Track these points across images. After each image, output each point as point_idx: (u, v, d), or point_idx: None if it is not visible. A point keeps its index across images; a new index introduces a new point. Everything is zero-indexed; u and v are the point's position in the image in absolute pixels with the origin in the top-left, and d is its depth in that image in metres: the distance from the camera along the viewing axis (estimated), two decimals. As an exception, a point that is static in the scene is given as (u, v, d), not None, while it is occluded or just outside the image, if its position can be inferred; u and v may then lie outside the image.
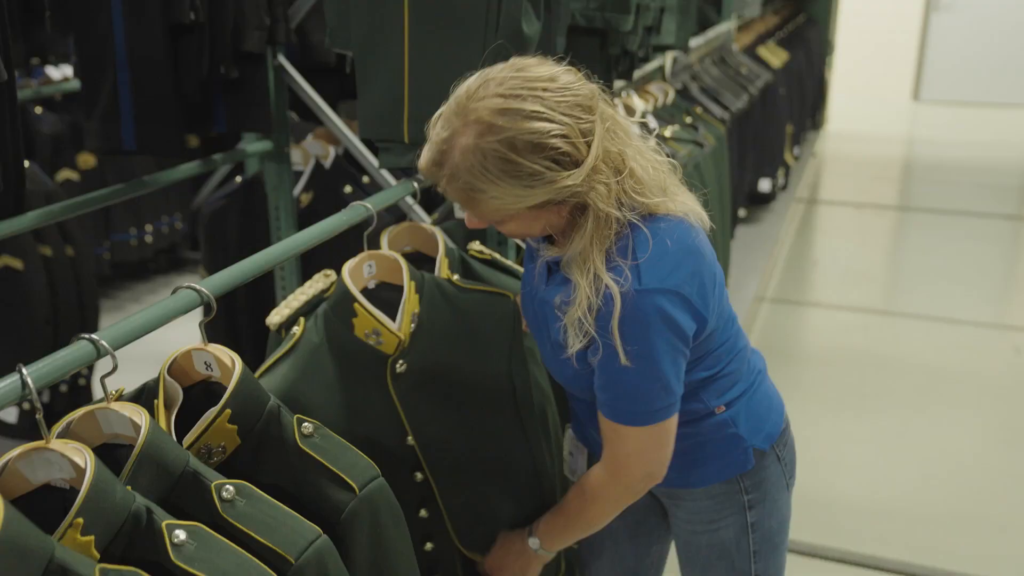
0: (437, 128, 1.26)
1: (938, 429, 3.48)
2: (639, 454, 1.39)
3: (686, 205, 1.35)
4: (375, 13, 1.69)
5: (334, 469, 1.17)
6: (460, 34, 1.65)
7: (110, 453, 1.08)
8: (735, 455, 1.49)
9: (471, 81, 1.25)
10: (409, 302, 1.49)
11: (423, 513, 1.55)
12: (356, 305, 1.44)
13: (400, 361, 1.48)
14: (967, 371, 3.98)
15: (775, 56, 6.03)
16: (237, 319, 2.57)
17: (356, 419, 1.46)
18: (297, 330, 1.45)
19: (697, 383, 1.43)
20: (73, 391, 3.08)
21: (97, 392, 1.09)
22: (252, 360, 1.47)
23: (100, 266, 4.17)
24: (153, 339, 1.16)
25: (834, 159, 7.87)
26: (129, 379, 1.13)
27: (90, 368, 2.45)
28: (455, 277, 1.57)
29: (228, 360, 1.20)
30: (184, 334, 1.46)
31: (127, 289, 4.57)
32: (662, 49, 3.31)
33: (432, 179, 1.29)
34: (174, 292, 1.19)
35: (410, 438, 1.53)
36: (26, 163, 3.04)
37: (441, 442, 1.55)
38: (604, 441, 1.41)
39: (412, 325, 1.50)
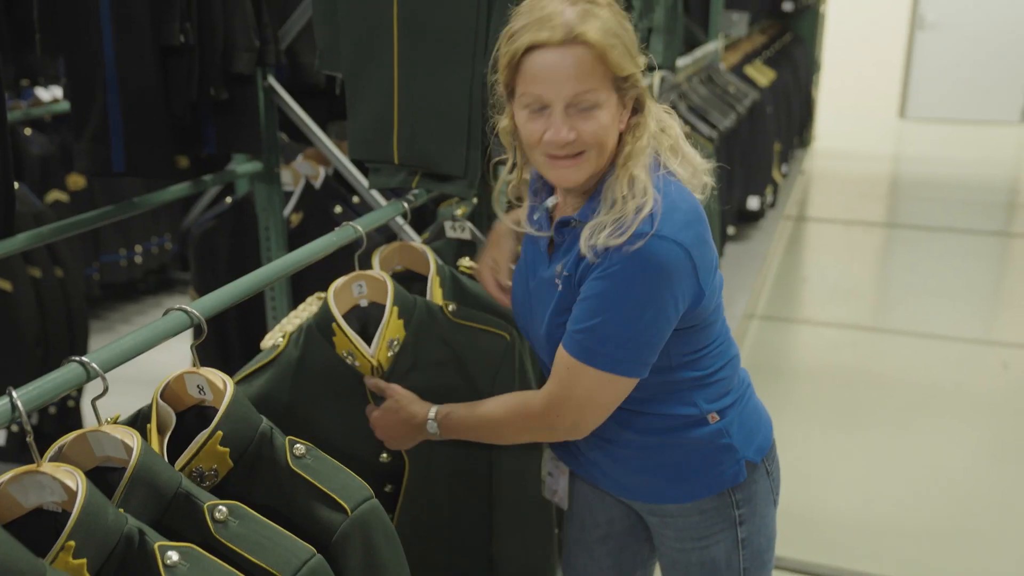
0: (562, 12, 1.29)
1: (928, 445, 3.49)
2: (582, 400, 1.37)
3: (693, 166, 1.41)
4: (365, 36, 1.70)
5: (326, 490, 1.17)
6: (449, 56, 1.66)
7: (103, 476, 1.09)
8: (728, 466, 1.48)
9: None
10: (389, 327, 1.50)
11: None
12: (334, 325, 1.47)
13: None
14: (956, 387, 4.00)
15: (762, 75, 6.08)
16: (228, 339, 2.57)
17: (331, 432, 1.48)
18: (281, 342, 1.46)
19: (690, 383, 1.44)
20: (62, 413, 3.07)
21: (87, 413, 1.09)
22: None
23: (90, 287, 4.16)
24: (143, 360, 1.17)
25: (822, 177, 7.91)
26: (119, 400, 1.13)
27: (79, 390, 2.44)
28: (450, 308, 1.58)
29: (220, 383, 1.20)
30: (174, 355, 1.47)
31: (117, 310, 4.56)
32: (650, 69, 3.34)
33: (571, 33, 1.28)
34: (165, 314, 1.19)
35: (384, 455, 1.54)
36: (15, 185, 3.05)
37: (416, 459, 1.57)
38: (552, 377, 1.39)
39: (391, 351, 1.51)
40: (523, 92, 1.32)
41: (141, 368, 1.24)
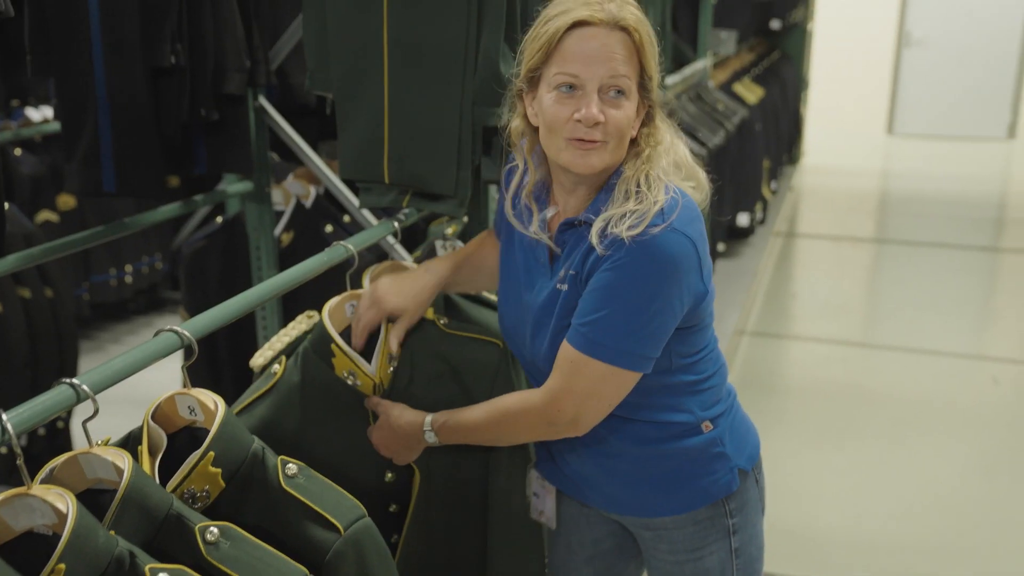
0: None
1: (918, 460, 3.50)
2: (585, 394, 1.37)
3: (697, 180, 1.45)
4: (356, 55, 1.71)
5: (318, 510, 1.17)
6: (439, 76, 1.67)
7: (94, 498, 1.08)
8: (721, 475, 1.49)
9: None
10: (386, 343, 1.50)
11: (393, 539, 1.58)
12: (333, 346, 1.46)
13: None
14: (946, 402, 4.01)
15: (751, 92, 6.12)
16: (218, 359, 2.57)
17: (335, 455, 1.47)
18: (278, 368, 1.45)
19: (687, 388, 1.45)
20: (51, 434, 3.05)
21: (76, 434, 1.09)
22: (234, 400, 1.47)
23: (79, 307, 4.15)
24: (132, 379, 1.16)
25: (811, 193, 7.96)
26: (109, 420, 1.12)
27: (69, 411, 2.43)
28: (441, 321, 1.59)
29: (212, 404, 1.20)
30: (163, 373, 1.46)
31: (107, 330, 4.54)
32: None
33: (615, 18, 1.32)
34: (156, 335, 1.19)
35: (389, 474, 1.54)
36: (5, 205, 3.05)
37: (426, 476, 1.56)
38: (555, 372, 1.39)
39: (390, 367, 1.51)
40: (557, 72, 1.34)
41: (130, 387, 1.23)
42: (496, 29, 1.65)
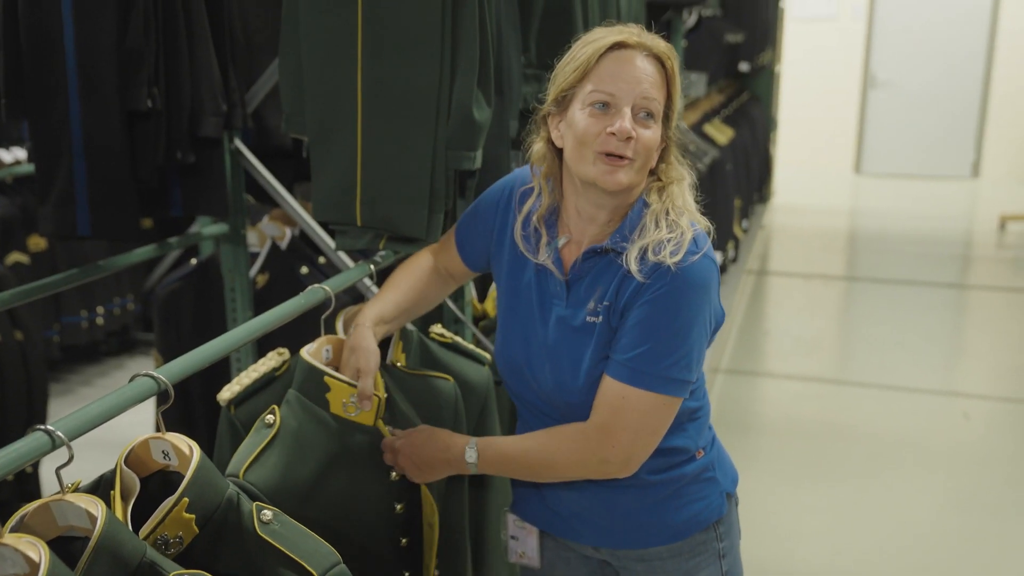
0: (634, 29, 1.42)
1: (892, 496, 3.52)
2: (636, 427, 1.39)
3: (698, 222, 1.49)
4: (330, 98, 1.72)
5: (294, 556, 1.16)
6: (412, 121, 1.68)
7: (65, 546, 1.07)
8: (713, 499, 1.53)
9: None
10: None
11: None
12: (327, 379, 1.47)
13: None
14: (919, 438, 4.04)
15: (721, 133, 6.21)
16: (192, 401, 2.54)
17: (347, 493, 1.47)
18: (272, 419, 1.42)
19: (688, 414, 1.48)
20: (19, 478, 3.00)
21: (45, 479, 1.08)
22: (207, 441, 1.46)
23: (49, 349, 4.10)
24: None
25: (782, 231, 8.06)
26: (78, 464, 1.11)
27: (39, 456, 2.39)
28: (399, 363, 1.61)
29: (186, 448, 1.19)
30: (136, 415, 1.44)
31: (77, 372, 4.49)
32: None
33: (650, 46, 1.40)
34: (131, 380, 1.18)
35: (399, 506, 1.54)
36: (-25, 248, 3.02)
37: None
38: (602, 409, 1.40)
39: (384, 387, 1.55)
40: (593, 90, 1.38)
41: (102, 429, 1.22)
42: (469, 74, 1.67)
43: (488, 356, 1.78)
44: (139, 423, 1.23)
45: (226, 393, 1.49)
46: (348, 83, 1.70)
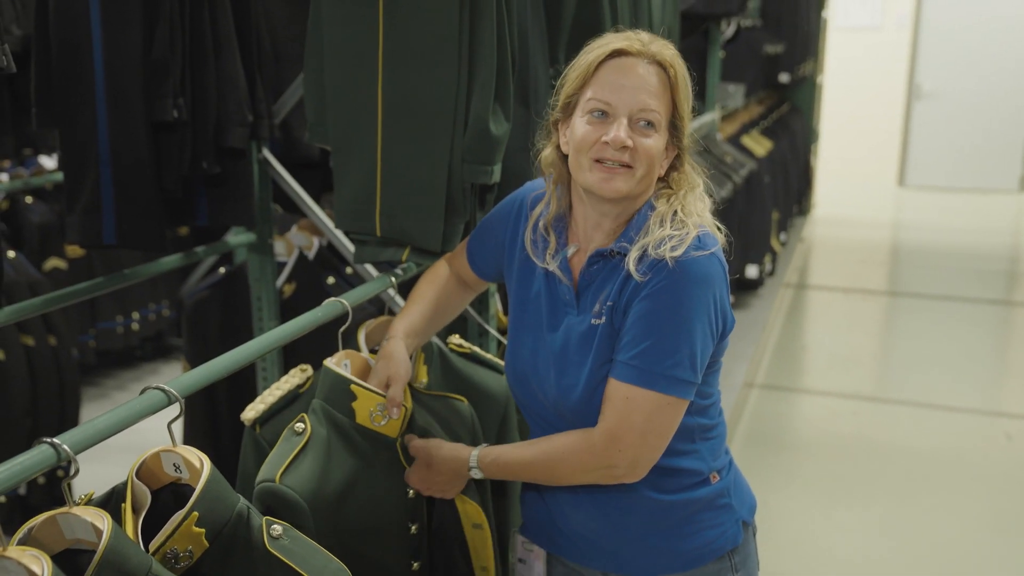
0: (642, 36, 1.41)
1: (928, 518, 3.43)
2: (643, 429, 1.35)
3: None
4: (351, 110, 1.73)
5: (303, 573, 1.16)
6: (429, 133, 1.69)
7: (72, 559, 1.07)
8: (728, 527, 1.48)
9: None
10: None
11: None
12: (354, 387, 1.47)
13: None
14: (958, 459, 3.95)
15: (759, 145, 6.14)
16: (218, 410, 2.55)
17: (368, 511, 1.48)
18: (302, 427, 1.43)
19: (700, 433, 1.45)
20: (52, 482, 3.04)
21: (75, 481, 1.08)
22: (231, 455, 1.46)
23: (85, 354, 4.15)
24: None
25: (822, 244, 7.94)
26: (101, 469, 1.10)
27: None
28: (422, 379, 1.62)
29: (197, 462, 1.19)
30: (154, 421, 1.43)
31: (113, 377, 4.55)
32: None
33: (654, 53, 1.38)
34: (142, 392, 1.18)
35: (413, 527, 1.54)
36: (12, 253, 3.07)
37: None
38: (608, 412, 1.37)
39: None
40: (591, 98, 1.38)
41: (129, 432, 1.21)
42: (487, 88, 1.66)
43: None
44: (163, 430, 1.22)
45: (251, 413, 1.48)
46: (369, 94, 1.71)
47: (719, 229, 1.46)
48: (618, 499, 1.46)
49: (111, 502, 1.19)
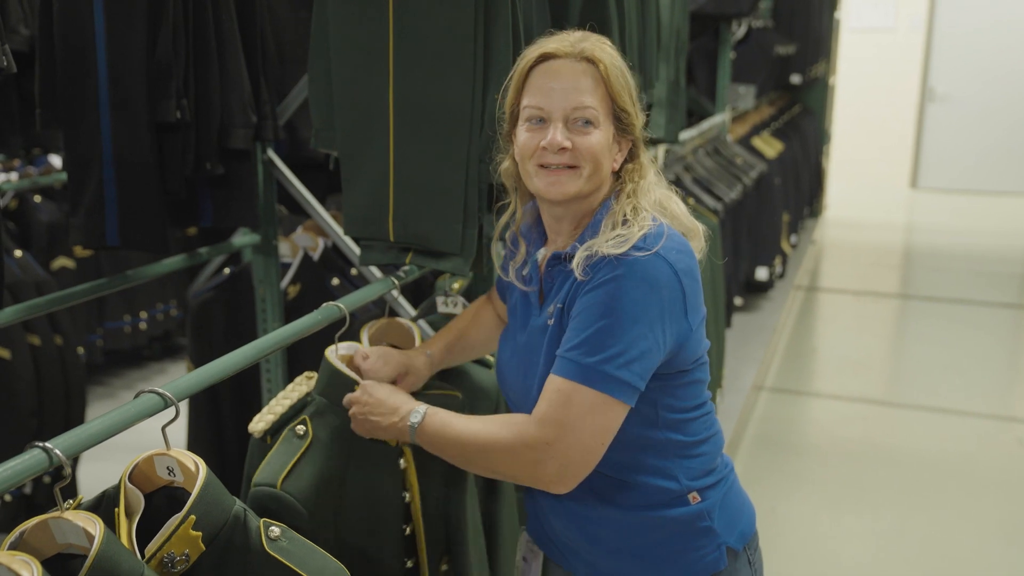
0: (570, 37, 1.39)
1: (939, 524, 3.40)
2: (573, 424, 1.28)
3: (684, 227, 1.44)
4: (361, 114, 1.71)
5: (302, 573, 1.15)
6: (445, 134, 1.67)
7: (63, 564, 1.06)
8: (707, 551, 1.42)
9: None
10: None
11: None
12: (355, 385, 1.47)
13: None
14: (969, 464, 3.91)
15: (770, 146, 6.11)
16: (221, 412, 2.54)
17: (367, 507, 1.48)
18: (304, 429, 1.43)
19: (674, 450, 1.40)
20: (57, 480, 3.03)
21: (81, 480, 1.07)
22: (236, 458, 1.45)
23: (93, 353, 4.16)
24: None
25: (833, 246, 7.90)
26: (106, 467, 1.09)
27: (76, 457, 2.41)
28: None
29: (192, 464, 1.18)
30: (159, 421, 1.42)
31: (120, 376, 4.55)
32: (653, 143, 3.36)
33: (580, 50, 1.37)
34: (137, 396, 1.17)
35: (407, 528, 1.54)
36: (19, 252, 3.07)
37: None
38: (540, 402, 1.32)
39: None
40: (527, 105, 1.38)
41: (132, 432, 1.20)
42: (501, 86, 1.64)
43: None
44: (170, 426, 1.21)
45: (259, 424, 1.47)
46: (379, 98, 1.69)
47: (701, 230, 1.45)
48: (588, 509, 1.43)
49: (101, 506, 1.18)
